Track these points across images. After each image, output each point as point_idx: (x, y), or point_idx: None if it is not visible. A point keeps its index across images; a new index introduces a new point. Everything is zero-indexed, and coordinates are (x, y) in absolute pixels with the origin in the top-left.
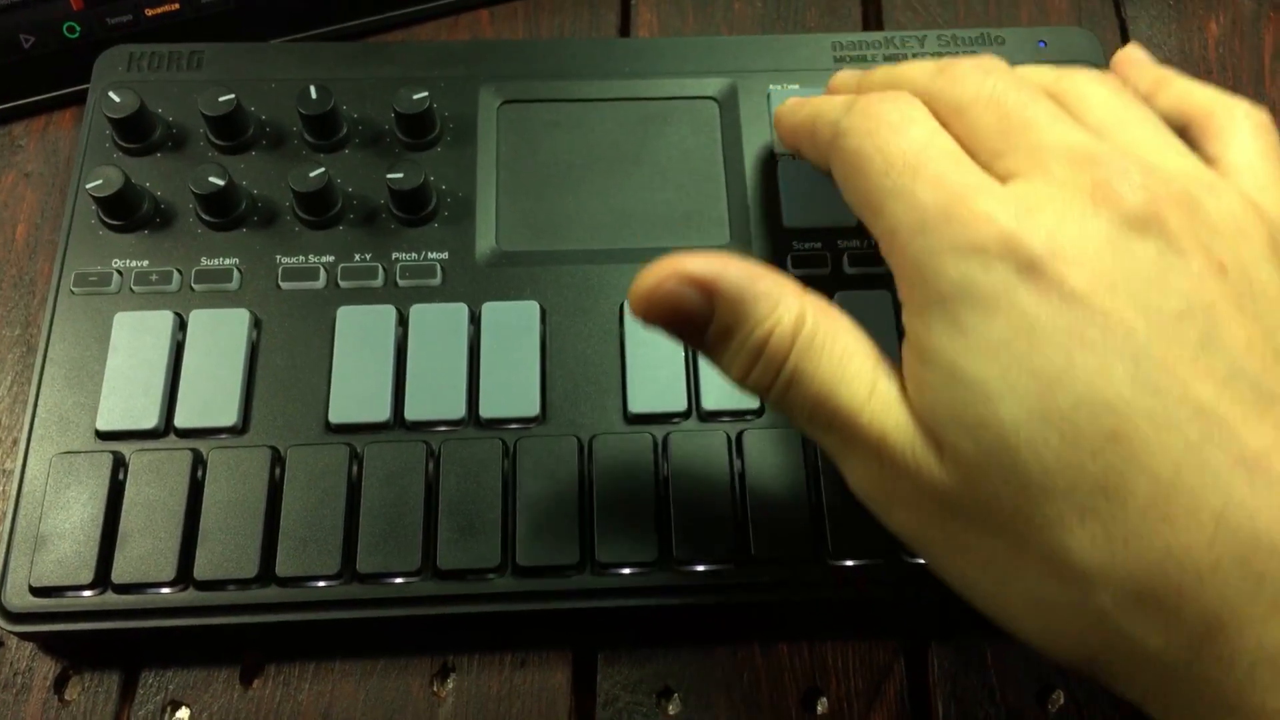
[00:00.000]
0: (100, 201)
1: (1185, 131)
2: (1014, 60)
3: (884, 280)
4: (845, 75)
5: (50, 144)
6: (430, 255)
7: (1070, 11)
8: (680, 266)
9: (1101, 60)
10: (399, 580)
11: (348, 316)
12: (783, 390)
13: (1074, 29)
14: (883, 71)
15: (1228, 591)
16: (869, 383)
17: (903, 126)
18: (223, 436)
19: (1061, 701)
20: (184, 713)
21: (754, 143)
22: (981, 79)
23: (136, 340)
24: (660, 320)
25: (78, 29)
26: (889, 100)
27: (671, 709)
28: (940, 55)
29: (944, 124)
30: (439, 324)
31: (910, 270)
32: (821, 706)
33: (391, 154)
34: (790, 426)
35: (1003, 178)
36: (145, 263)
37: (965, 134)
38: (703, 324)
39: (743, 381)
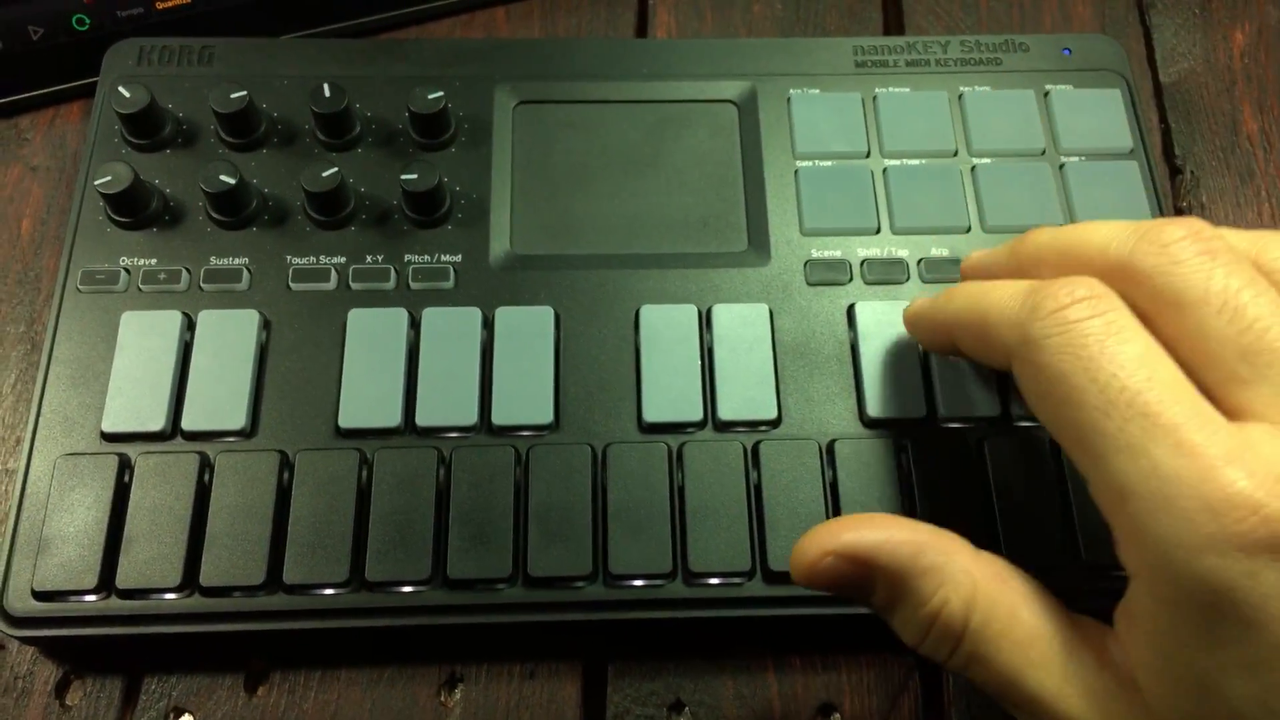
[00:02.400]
0: (108, 198)
1: None
2: (1040, 68)
3: (901, 291)
4: (982, 255)
5: (57, 138)
6: (443, 258)
7: (1094, 19)
8: (835, 542)
9: (1125, 68)
10: (408, 589)
11: (359, 319)
12: (961, 667)
13: (1098, 36)
14: (1048, 235)
15: None
16: (1060, 669)
17: (1112, 343)
18: (230, 440)
19: None
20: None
21: (773, 147)
22: (1208, 267)
23: (144, 340)
24: (823, 590)
25: (87, 21)
26: (1083, 301)
27: None
28: (964, 62)
29: (1152, 316)
30: (452, 328)
31: (1154, 556)
32: None
33: (405, 154)
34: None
35: (1237, 411)
36: (153, 261)
37: (1189, 339)
38: (867, 593)
39: (918, 649)
